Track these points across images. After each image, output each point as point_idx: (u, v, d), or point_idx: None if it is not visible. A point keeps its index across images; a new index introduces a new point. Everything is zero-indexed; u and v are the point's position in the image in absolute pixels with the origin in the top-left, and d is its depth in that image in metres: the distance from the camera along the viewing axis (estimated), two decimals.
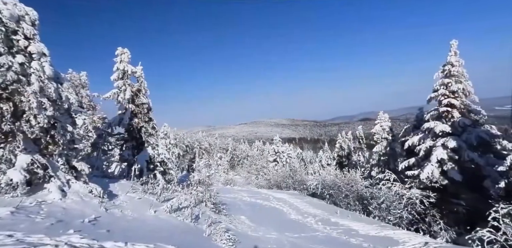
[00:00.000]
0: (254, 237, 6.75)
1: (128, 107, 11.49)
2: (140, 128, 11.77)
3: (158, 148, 12.19)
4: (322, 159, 37.25)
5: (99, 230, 3.81)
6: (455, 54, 11.62)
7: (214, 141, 52.73)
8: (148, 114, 12.23)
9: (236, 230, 6.90)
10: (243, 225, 8.09)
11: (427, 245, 6.79)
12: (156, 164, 12.09)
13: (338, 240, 7.33)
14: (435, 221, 10.58)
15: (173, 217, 6.15)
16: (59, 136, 5.33)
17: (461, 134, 11.42)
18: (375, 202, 11.57)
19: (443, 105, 11.67)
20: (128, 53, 11.51)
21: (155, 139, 12.35)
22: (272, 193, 15.25)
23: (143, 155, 11.50)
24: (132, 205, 5.86)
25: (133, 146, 11.85)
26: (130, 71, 11.58)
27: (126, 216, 5.01)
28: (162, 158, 12.20)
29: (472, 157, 10.76)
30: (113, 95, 11.53)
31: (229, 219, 8.22)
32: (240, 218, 9.01)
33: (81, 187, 5.43)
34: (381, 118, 18.51)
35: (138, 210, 5.65)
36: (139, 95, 11.90)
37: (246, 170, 35.06)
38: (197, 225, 6.19)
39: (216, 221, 7.01)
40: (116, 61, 11.43)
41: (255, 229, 7.71)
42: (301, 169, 20.42)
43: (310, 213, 10.59)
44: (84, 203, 4.92)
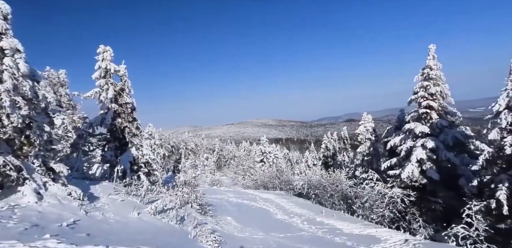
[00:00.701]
0: (240, 238, 6.72)
1: (111, 107, 11.12)
2: (124, 128, 11.43)
3: (142, 149, 11.88)
4: (308, 160, 37.75)
5: (78, 234, 3.65)
6: (433, 58, 12.15)
7: (201, 142, 52.13)
8: (132, 114, 11.90)
9: (222, 231, 6.85)
10: (230, 226, 8.04)
11: (407, 242, 7.03)
12: (140, 165, 11.78)
13: (323, 239, 7.45)
14: (414, 219, 10.99)
15: (158, 219, 6.00)
16: (35, 136, 5.07)
17: (438, 134, 11.95)
18: (359, 201, 11.86)
19: (422, 107, 12.16)
20: (110, 51, 11.15)
21: (140, 140, 12.03)
22: (259, 194, 15.26)
23: (126, 156, 11.17)
24: (114, 207, 5.67)
25: (116, 146, 11.48)
26: (113, 70, 11.23)
27: (107, 219, 4.83)
28: (146, 159, 11.90)
29: (449, 157, 11.29)
30: (95, 94, 11.13)
31: (215, 220, 8.15)
32: (226, 219, 8.95)
33: (59, 189, 5.19)
34: (365, 119, 19.04)
35: (121, 212, 5.47)
36: (123, 95, 11.56)
37: (233, 171, 34.90)
38: (183, 226, 6.09)
39: (202, 222, 6.92)
40: (98, 59, 11.04)
41: (241, 230, 7.68)
42: (288, 169, 20.62)
43: (296, 213, 10.69)
44: (62, 206, 4.70)
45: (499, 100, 8.87)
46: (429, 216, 11.47)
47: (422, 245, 6.69)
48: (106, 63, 11.05)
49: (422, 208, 11.66)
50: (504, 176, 8.52)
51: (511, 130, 8.68)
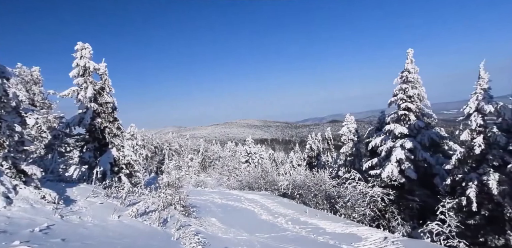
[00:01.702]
0: (224, 239, 6.67)
1: (90, 106, 10.68)
2: (104, 129, 11.01)
3: (123, 150, 11.51)
4: (293, 160, 38.19)
5: (52, 240, 3.46)
6: (411, 61, 12.72)
7: (185, 142, 51.27)
8: (112, 114, 11.50)
9: (206, 233, 6.76)
10: (214, 227, 7.96)
11: (386, 240, 7.28)
12: (121, 167, 11.40)
13: (307, 239, 7.55)
14: (393, 217, 11.42)
15: (139, 221, 5.83)
16: (4, 137, 4.76)
17: (416, 135, 12.51)
18: (341, 201, 12.15)
19: (401, 108, 12.68)
20: (89, 49, 10.71)
21: (121, 140, 11.64)
22: (244, 194, 15.24)
23: (106, 157, 10.77)
24: (93, 210, 5.44)
25: (95, 147, 11.04)
26: (92, 68, 10.80)
27: (85, 223, 4.63)
28: (128, 160, 11.54)
29: (425, 157, 11.84)
30: (72, 93, 10.65)
31: (199, 221, 8.03)
32: (210, 220, 8.86)
33: (31, 193, 4.90)
34: (348, 120, 19.53)
35: (100, 215, 5.26)
36: (103, 94, 11.14)
37: (217, 172, 34.59)
38: (165, 229, 5.95)
39: (185, 224, 6.80)
40: (76, 57, 10.57)
41: (225, 231, 7.63)
42: (273, 170, 20.74)
43: (280, 213, 10.77)
44: (35, 211, 4.44)
45: (470, 103, 9.44)
46: (406, 214, 11.96)
47: (400, 242, 6.95)
48: (84, 61, 10.60)
49: (400, 206, 12.14)
50: (473, 174, 9.07)
51: (480, 131, 9.26)
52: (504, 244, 8.11)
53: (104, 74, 11.22)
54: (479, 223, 8.81)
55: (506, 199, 8.19)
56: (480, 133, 9.23)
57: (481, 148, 8.94)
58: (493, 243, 8.30)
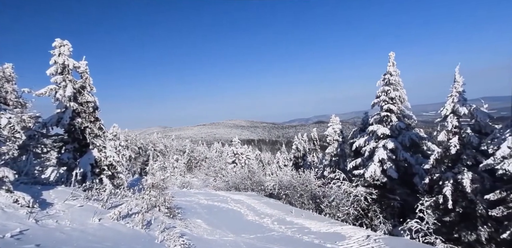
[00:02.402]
0: (210, 241, 6.61)
1: (69, 106, 10.24)
2: (84, 129, 10.60)
3: (105, 151, 11.12)
4: (279, 160, 38.44)
5: (25, 246, 3.28)
6: (393, 64, 13.18)
7: (171, 143, 50.31)
8: (94, 114, 11.09)
9: (191, 234, 6.67)
10: (199, 228, 7.86)
11: (369, 238, 7.50)
12: (103, 168, 11.01)
13: (292, 238, 7.63)
14: (375, 215, 11.77)
15: (121, 224, 5.65)
16: None
17: (397, 136, 12.97)
18: (326, 201, 12.37)
19: (384, 110, 13.11)
20: (69, 46, 10.28)
21: (103, 141, 11.25)
22: (230, 195, 15.16)
23: (87, 158, 10.36)
24: (71, 214, 5.21)
25: (74, 148, 10.59)
26: (72, 66, 10.37)
27: (62, 227, 4.42)
28: (110, 161, 11.16)
29: (406, 157, 12.30)
30: (50, 92, 10.18)
31: (185, 223, 7.91)
32: (196, 222, 8.74)
33: (2, 196, 4.62)
34: (333, 121, 19.94)
35: (79, 219, 5.04)
36: (83, 93, 10.73)
37: (204, 172, 34.20)
38: (149, 231, 5.80)
39: (170, 226, 6.67)
40: (54, 54, 10.11)
41: (211, 232, 7.55)
42: (259, 170, 20.76)
43: (267, 213, 10.81)
44: (6, 215, 4.19)
45: (446, 105, 9.92)
46: (388, 212, 12.36)
47: (381, 240, 7.17)
48: (63, 58, 10.16)
49: (382, 205, 12.53)
50: (449, 173, 9.52)
51: (455, 132, 9.75)
52: (476, 239, 8.57)
53: (85, 72, 10.80)
54: (454, 220, 9.26)
55: (478, 197, 8.66)
56: (456, 134, 9.72)
57: (456, 148, 9.41)
58: (466, 238, 8.74)
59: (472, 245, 8.68)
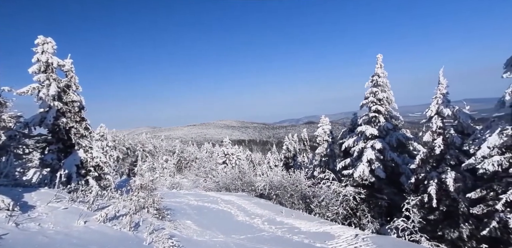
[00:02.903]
0: (199, 242, 6.55)
1: (54, 105, 9.93)
2: (69, 129, 10.30)
3: (92, 151, 10.84)
4: (270, 161, 38.56)
5: None
6: (380, 66, 13.49)
7: (160, 143, 49.55)
8: (80, 113, 10.80)
9: (180, 236, 6.59)
10: (189, 230, 7.78)
11: (357, 237, 7.63)
12: (89, 169, 10.73)
13: (282, 238, 7.67)
14: (364, 215, 12.00)
15: (108, 227, 5.51)
16: None
17: (385, 136, 13.29)
18: (316, 200, 12.49)
19: (372, 111, 13.40)
20: (53, 43, 9.98)
21: (89, 141, 10.96)
22: (221, 196, 15.07)
23: (72, 159, 10.07)
24: (55, 216, 5.04)
25: (59, 149, 10.28)
26: (56, 64, 10.06)
27: (45, 230, 4.27)
28: (97, 162, 10.89)
29: (393, 157, 12.62)
30: (32, 91, 9.83)
31: (174, 224, 7.80)
32: (185, 223, 8.64)
33: None
34: (323, 122, 20.18)
35: (63, 222, 4.89)
36: (69, 92, 10.43)
37: (194, 173, 33.86)
38: (137, 233, 5.69)
39: (158, 227, 6.56)
40: (37, 52, 9.79)
41: (201, 234, 7.49)
42: (250, 170, 20.74)
43: (257, 213, 10.81)
44: None
45: (431, 106, 10.24)
46: (376, 211, 12.63)
47: (369, 239, 7.31)
48: (47, 56, 9.84)
49: (370, 204, 12.79)
50: (434, 173, 9.83)
51: (440, 133, 10.07)
52: (458, 236, 8.89)
53: (70, 71, 10.51)
54: (438, 218, 9.56)
55: (460, 195, 8.98)
56: (440, 134, 10.05)
57: (440, 149, 9.73)
58: (449, 236, 9.05)
59: (455, 242, 8.99)
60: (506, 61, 7.65)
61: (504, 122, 7.75)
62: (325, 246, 7.09)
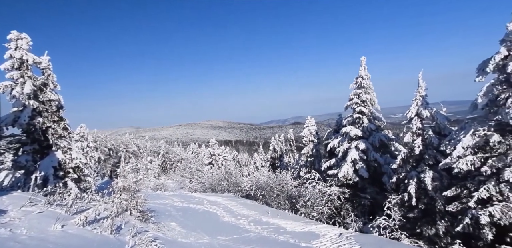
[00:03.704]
0: (184, 244, 6.44)
1: (29, 104, 9.44)
2: (46, 129, 9.82)
3: (71, 152, 10.40)
4: (256, 161, 38.64)
5: None
6: (364, 68, 13.89)
7: (144, 144, 48.36)
8: (58, 113, 10.34)
9: (165, 238, 6.44)
10: (174, 232, 7.63)
11: (341, 236, 7.79)
12: (67, 171, 10.27)
13: (268, 239, 7.69)
14: (348, 214, 12.27)
15: (88, 230, 5.30)
16: None
17: (368, 137, 13.68)
18: (302, 200, 12.63)
19: (356, 112, 13.75)
20: (28, 39, 9.50)
21: (68, 142, 10.51)
22: (206, 197, 14.90)
23: (49, 160, 9.61)
24: (29, 221, 4.78)
25: (34, 150, 9.77)
26: (32, 61, 9.58)
27: (17, 236, 4.04)
28: (76, 164, 10.46)
29: (376, 157, 13.01)
30: (5, 88, 9.31)
31: (158, 227, 7.62)
32: (170, 225, 8.47)
33: None
34: (309, 123, 20.47)
35: (38, 226, 4.64)
36: (46, 90, 9.96)
37: (179, 174, 33.28)
38: (119, 236, 5.51)
39: (142, 230, 6.39)
40: (10, 47, 9.28)
41: (186, 235, 7.37)
42: (237, 171, 20.68)
43: (243, 214, 10.78)
44: None
45: (411, 108, 10.67)
46: (359, 210, 12.96)
47: (352, 237, 7.49)
48: (21, 53, 9.34)
49: (354, 203, 13.11)
50: (414, 172, 10.24)
51: (419, 134, 10.51)
52: (435, 233, 9.30)
53: (47, 68, 10.04)
54: (417, 216, 9.96)
55: (437, 194, 9.41)
56: (419, 135, 10.48)
57: (420, 149, 10.15)
58: (426, 233, 9.45)
59: (432, 239, 9.40)
60: (478, 65, 8.11)
61: (477, 124, 8.21)
62: (310, 246, 7.18)
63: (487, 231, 7.42)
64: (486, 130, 7.87)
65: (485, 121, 8.15)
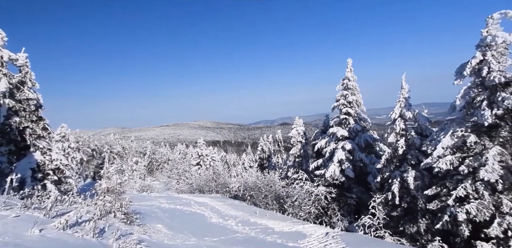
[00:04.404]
0: (171, 246, 6.33)
1: (4, 103, 8.98)
2: (24, 129, 9.38)
3: (51, 153, 9.98)
4: (245, 162, 38.58)
5: None
6: (350, 70, 14.20)
7: (130, 144, 47.14)
8: (36, 112, 9.90)
9: (150, 241, 6.30)
10: (160, 234, 7.48)
11: (327, 235, 7.91)
12: (47, 173, 9.85)
13: (256, 239, 7.69)
14: (334, 213, 12.47)
15: (68, 234, 5.08)
16: None
17: (354, 138, 13.98)
18: (289, 201, 12.72)
19: (343, 113, 14.03)
20: (2, 35, 9.06)
21: (47, 143, 10.08)
22: (194, 198, 14.72)
23: (26, 161, 9.17)
24: (3, 226, 4.52)
25: (10, 151, 9.31)
26: (7, 58, 9.14)
27: None
28: (56, 165, 10.04)
29: (361, 157, 13.32)
30: None
31: (143, 229, 7.45)
32: (156, 227, 8.31)
33: None
34: (297, 123, 20.65)
35: (13, 231, 4.40)
36: (23, 89, 9.51)
37: (166, 175, 32.68)
38: (102, 240, 5.32)
39: (126, 233, 6.21)
40: None
41: (172, 237, 7.24)
42: (225, 172, 20.55)
43: (231, 215, 10.73)
44: None
45: (395, 109, 11.01)
46: (345, 210, 13.22)
47: (339, 236, 7.62)
48: None
49: (340, 203, 13.35)
50: (397, 172, 10.57)
51: (402, 134, 10.86)
52: (416, 231, 9.63)
53: (25, 66, 9.59)
54: (400, 214, 10.29)
55: (419, 193, 9.75)
56: (403, 136, 10.83)
57: (403, 149, 10.49)
58: (408, 230, 9.77)
59: (413, 236, 9.72)
60: (457, 69, 8.50)
61: (455, 125, 8.59)
62: (298, 245, 7.24)
63: (464, 228, 7.76)
64: (464, 131, 8.25)
65: (462, 123, 8.54)
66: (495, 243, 7.37)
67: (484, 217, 7.45)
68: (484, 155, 7.59)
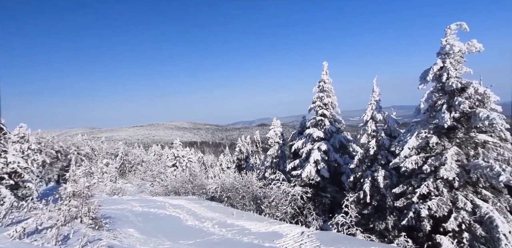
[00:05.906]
0: None
1: None
2: None
3: (6, 155, 9.11)
4: (222, 163, 38.18)
5: None
6: (326, 73, 14.69)
7: (100, 146, 44.49)
8: None
9: (121, 246, 5.98)
10: (131, 238, 7.14)
11: (303, 234, 8.08)
12: (1, 177, 8.98)
13: (232, 241, 7.64)
14: (310, 213, 12.77)
15: (26, 243, 4.67)
16: None
17: (329, 139, 14.46)
18: (266, 201, 12.79)
19: (319, 114, 14.45)
20: None
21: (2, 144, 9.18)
22: (169, 200, 14.26)
23: None
24: None
25: None
26: None
27: None
28: (13, 168, 9.19)
29: (336, 158, 13.80)
30: None
31: (113, 234, 7.06)
32: (128, 231, 7.92)
33: None
34: (274, 124, 20.89)
35: None
36: None
37: (139, 177, 31.34)
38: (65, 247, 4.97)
39: (94, 239, 5.85)
40: None
41: (145, 242, 6.95)
42: (202, 173, 20.20)
43: (207, 217, 10.55)
44: None
45: (367, 112, 11.58)
46: (320, 209, 13.58)
47: (313, 235, 7.82)
48: None
49: (315, 202, 13.70)
50: (369, 172, 11.10)
51: (373, 136, 11.44)
52: (385, 227, 10.19)
53: None
54: (370, 212, 10.81)
55: (388, 191, 10.33)
56: (374, 137, 11.41)
57: (374, 150, 11.05)
58: (378, 227, 10.30)
59: (382, 233, 10.26)
60: (421, 74, 9.17)
61: (420, 127, 9.24)
62: (274, 245, 7.31)
63: (426, 223, 8.35)
64: (427, 132, 8.90)
65: (426, 125, 9.21)
66: (451, 236, 8.02)
67: (443, 213, 8.08)
68: (444, 155, 8.23)
